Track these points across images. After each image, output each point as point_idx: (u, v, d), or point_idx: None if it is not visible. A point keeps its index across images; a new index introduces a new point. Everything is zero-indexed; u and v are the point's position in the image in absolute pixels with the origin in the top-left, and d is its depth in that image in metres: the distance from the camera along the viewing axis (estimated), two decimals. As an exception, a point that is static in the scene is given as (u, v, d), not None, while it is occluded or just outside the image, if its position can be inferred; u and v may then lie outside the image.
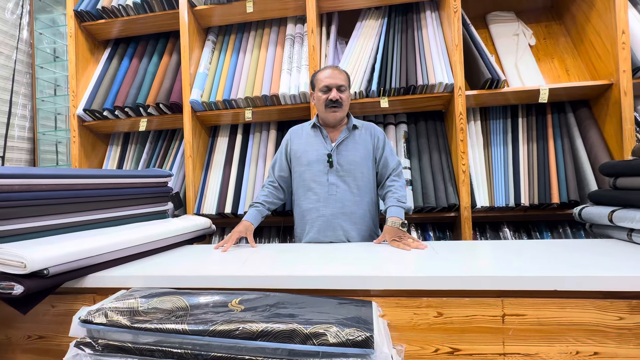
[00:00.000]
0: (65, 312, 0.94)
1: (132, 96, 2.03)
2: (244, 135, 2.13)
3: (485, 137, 1.90)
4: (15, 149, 2.34)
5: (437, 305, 0.81)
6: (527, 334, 0.78)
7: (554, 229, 1.87)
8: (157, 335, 0.67)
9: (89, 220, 1.13)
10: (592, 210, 1.34)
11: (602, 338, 0.76)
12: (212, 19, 2.11)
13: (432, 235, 1.95)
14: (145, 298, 0.77)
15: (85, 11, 2.07)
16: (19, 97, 2.38)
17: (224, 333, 0.65)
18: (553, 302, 0.78)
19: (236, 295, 0.78)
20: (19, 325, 0.97)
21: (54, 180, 1.01)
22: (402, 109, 1.98)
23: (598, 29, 1.77)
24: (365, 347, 0.60)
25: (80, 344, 0.68)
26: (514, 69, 1.90)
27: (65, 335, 0.94)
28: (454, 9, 1.75)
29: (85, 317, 0.71)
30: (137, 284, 0.92)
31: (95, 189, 1.14)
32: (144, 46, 2.25)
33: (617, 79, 1.63)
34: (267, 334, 0.63)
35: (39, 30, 2.53)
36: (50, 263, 0.82)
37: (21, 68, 2.40)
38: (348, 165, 1.47)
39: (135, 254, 1.08)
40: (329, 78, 1.45)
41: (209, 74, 2.05)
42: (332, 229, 1.44)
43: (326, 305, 0.74)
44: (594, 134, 1.76)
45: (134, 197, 1.33)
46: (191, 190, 1.95)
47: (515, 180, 1.79)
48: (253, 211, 1.46)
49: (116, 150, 2.29)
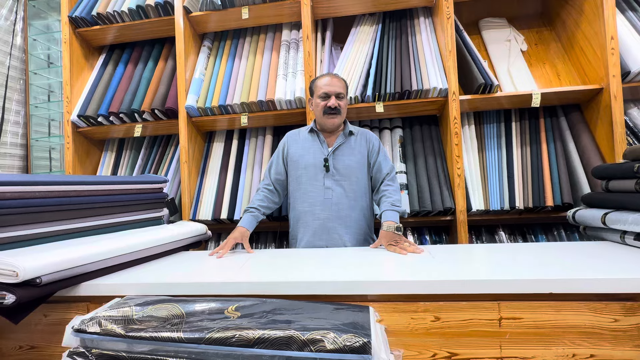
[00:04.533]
0: (58, 322, 0.92)
1: (127, 102, 2.02)
2: (239, 140, 2.12)
3: (479, 141, 1.92)
4: (8, 155, 2.32)
5: (434, 310, 0.81)
6: (523, 338, 0.78)
7: (549, 231, 1.88)
8: (152, 343, 0.67)
9: (83, 228, 1.12)
10: (585, 213, 1.35)
11: (597, 340, 0.77)
12: (207, 25, 2.11)
13: (428, 239, 1.96)
14: (140, 306, 0.76)
15: (80, 17, 2.07)
16: (12, 104, 2.37)
17: (220, 341, 0.64)
18: (549, 305, 0.78)
19: (232, 302, 0.78)
20: (9, 335, 0.95)
21: (48, 187, 1.00)
22: (397, 114, 1.99)
23: (588, 35, 1.81)
24: (362, 353, 0.59)
25: (73, 354, 0.67)
26: (506, 73, 1.93)
27: (58, 345, 0.92)
28: (447, 15, 1.77)
29: (78, 326, 0.69)
30: (132, 292, 0.91)
31: (89, 195, 1.13)
32: (139, 52, 2.25)
33: (607, 83, 1.66)
34: (264, 341, 0.63)
35: (33, 36, 2.52)
36: (43, 271, 0.81)
37: (14, 74, 2.39)
38: (344, 169, 1.47)
39: (129, 261, 1.07)
40: (328, 85, 1.47)
41: (205, 80, 2.05)
42: (327, 232, 1.44)
43: (323, 310, 0.73)
44: (586, 138, 1.79)
45: (129, 204, 1.32)
46: (187, 196, 1.94)
47: (510, 184, 1.80)
48: (248, 216, 1.46)
49: (111, 156, 2.27)
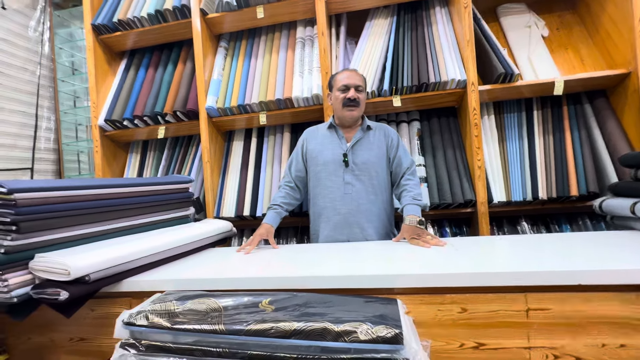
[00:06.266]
0: (104, 315, 0.99)
1: (150, 105, 2.09)
2: (258, 138, 2.17)
3: (499, 132, 1.89)
4: (42, 160, 2.45)
5: (460, 302, 0.83)
6: (552, 328, 0.79)
7: (574, 221, 1.85)
8: (195, 335, 0.71)
9: (119, 228, 1.19)
10: (613, 202, 1.32)
11: (628, 330, 0.77)
12: (223, 26, 2.15)
13: (448, 231, 1.95)
14: (180, 300, 0.81)
15: (102, 25, 2.15)
16: (44, 111, 2.49)
17: (259, 332, 0.68)
18: (577, 296, 0.79)
19: (265, 296, 0.82)
20: (61, 328, 1.03)
21: (87, 191, 1.06)
22: (415, 107, 1.98)
23: (614, 17, 1.74)
24: (395, 344, 0.62)
25: (125, 345, 0.72)
26: (527, 61, 1.88)
27: (105, 336, 1.00)
28: (464, 4, 1.74)
29: (127, 319, 0.75)
30: (169, 287, 0.96)
31: (124, 197, 1.20)
32: (158, 56, 2.32)
33: (636, 67, 1.60)
34: (300, 332, 0.67)
35: (59, 45, 2.63)
36: (91, 270, 0.88)
37: (44, 82, 2.51)
38: (363, 164, 1.49)
39: (165, 258, 1.14)
40: (348, 78, 1.49)
41: (223, 80, 2.10)
42: (348, 226, 1.47)
43: (353, 303, 0.76)
44: (612, 124, 1.73)
45: (159, 204, 1.38)
46: (210, 195, 2.00)
47: (532, 174, 1.77)
48: (272, 213, 1.50)
49: (136, 157, 2.36)
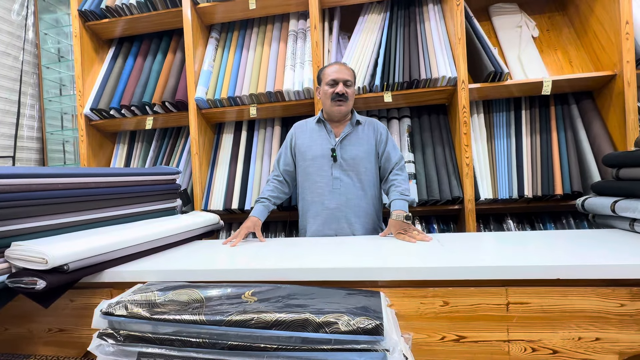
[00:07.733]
0: (84, 306, 0.97)
1: (138, 95, 2.05)
2: (248, 131, 2.15)
3: (488, 130, 1.91)
4: (25, 148, 2.38)
5: (443, 295, 0.83)
6: (530, 321, 0.81)
7: (557, 220, 1.89)
8: (175, 325, 0.71)
9: (102, 218, 1.17)
10: (595, 201, 1.35)
11: (603, 324, 0.79)
12: (214, 16, 2.12)
13: (436, 227, 1.97)
14: (162, 291, 0.80)
15: (89, 11, 2.09)
16: (27, 98, 2.42)
17: (240, 323, 0.68)
18: (556, 290, 0.80)
19: (248, 288, 0.81)
20: (39, 319, 1.01)
21: (68, 179, 1.04)
22: (406, 103, 1.99)
23: (602, 20, 1.77)
24: (375, 335, 0.62)
25: (103, 335, 0.71)
26: (517, 61, 1.90)
27: (84, 327, 0.98)
28: (457, 2, 1.75)
29: (106, 309, 0.74)
30: (152, 278, 0.95)
31: (108, 187, 1.17)
32: (147, 44, 2.27)
33: (621, 69, 1.63)
34: (281, 323, 0.66)
35: (44, 30, 2.55)
36: (70, 259, 0.86)
37: (28, 69, 2.43)
38: (351, 159, 1.49)
39: (148, 249, 1.12)
40: (336, 72, 1.48)
41: (213, 72, 2.07)
42: (336, 221, 1.47)
43: (336, 296, 0.76)
44: (598, 125, 1.77)
45: (145, 195, 1.36)
46: (198, 187, 1.98)
47: (519, 173, 1.80)
48: (259, 206, 1.49)
49: (123, 148, 2.32)
